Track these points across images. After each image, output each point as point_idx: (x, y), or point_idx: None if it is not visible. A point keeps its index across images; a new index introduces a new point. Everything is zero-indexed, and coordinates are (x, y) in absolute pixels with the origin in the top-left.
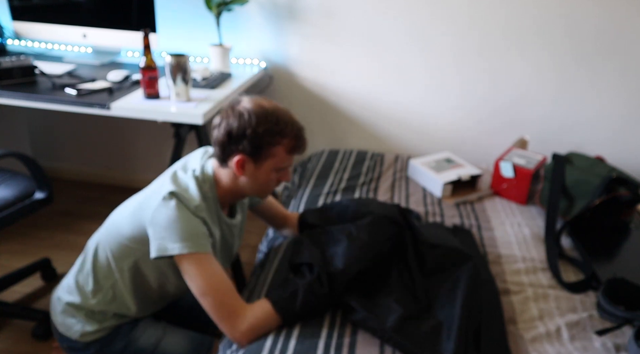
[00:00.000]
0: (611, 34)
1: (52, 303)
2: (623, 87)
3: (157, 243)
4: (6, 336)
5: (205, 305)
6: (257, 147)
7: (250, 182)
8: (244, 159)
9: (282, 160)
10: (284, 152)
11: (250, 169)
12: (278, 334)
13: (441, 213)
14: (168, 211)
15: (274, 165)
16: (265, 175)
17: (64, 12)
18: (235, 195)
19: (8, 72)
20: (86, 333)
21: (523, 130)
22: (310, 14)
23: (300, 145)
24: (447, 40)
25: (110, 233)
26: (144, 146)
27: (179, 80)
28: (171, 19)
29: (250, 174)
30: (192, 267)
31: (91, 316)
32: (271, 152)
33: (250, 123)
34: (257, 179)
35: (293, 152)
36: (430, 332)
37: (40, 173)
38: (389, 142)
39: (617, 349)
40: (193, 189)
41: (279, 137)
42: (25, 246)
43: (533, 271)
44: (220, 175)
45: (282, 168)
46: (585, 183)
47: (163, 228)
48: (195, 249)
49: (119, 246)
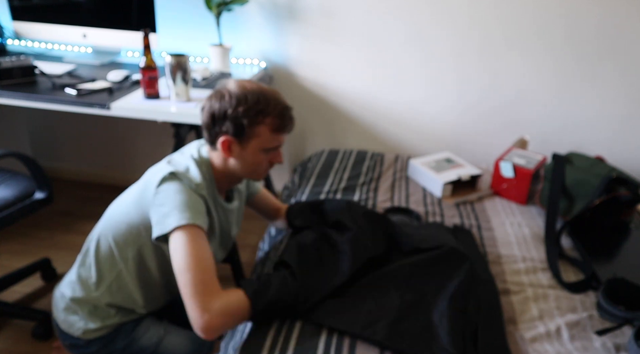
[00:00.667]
0: (611, 34)
1: (55, 300)
2: (623, 87)
3: (158, 222)
4: (6, 336)
5: (182, 280)
6: (239, 127)
7: (240, 163)
8: (229, 140)
9: (268, 140)
10: (268, 131)
11: (237, 150)
12: (278, 335)
13: (441, 213)
14: (169, 190)
15: (260, 145)
16: (252, 156)
17: (64, 12)
18: (230, 178)
19: (8, 72)
20: (89, 330)
21: (523, 130)
22: (310, 14)
23: (285, 124)
24: (447, 40)
25: (112, 222)
26: (144, 146)
27: (179, 80)
28: (171, 19)
29: (237, 155)
30: (182, 240)
31: (94, 312)
32: (255, 132)
33: (231, 103)
34: (246, 160)
35: (278, 131)
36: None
37: (40, 173)
38: (389, 142)
39: (617, 349)
40: (193, 169)
41: (261, 116)
42: (25, 246)
43: (533, 271)
44: (213, 158)
45: (271, 149)
46: (585, 183)
47: (164, 206)
48: (194, 221)
49: (122, 234)
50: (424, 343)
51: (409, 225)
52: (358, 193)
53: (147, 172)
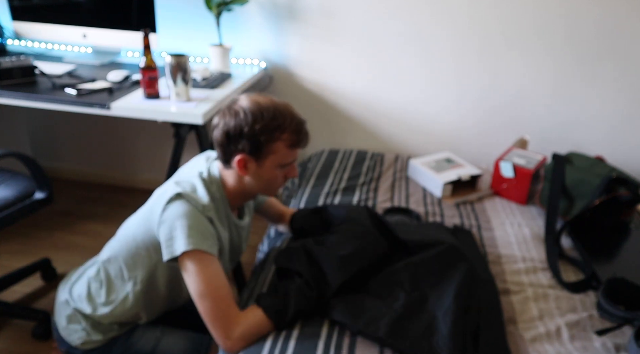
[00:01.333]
0: (611, 33)
1: (58, 304)
2: (623, 87)
3: (166, 245)
4: (6, 336)
5: (201, 308)
6: (256, 145)
7: (256, 181)
8: (245, 159)
9: (285, 156)
10: (285, 147)
11: (253, 168)
12: (278, 335)
13: (441, 213)
14: (175, 212)
15: (277, 162)
16: (269, 173)
17: (64, 12)
18: (244, 195)
19: (8, 72)
20: (88, 341)
21: (523, 130)
22: (310, 14)
23: (301, 139)
24: (447, 40)
25: (122, 245)
26: (144, 146)
27: (179, 80)
28: (171, 19)
29: (253, 173)
30: (194, 266)
31: (97, 327)
32: (272, 149)
33: (247, 121)
34: (262, 177)
35: (295, 147)
36: (425, 330)
37: (40, 173)
38: (389, 142)
39: (617, 349)
40: (200, 189)
41: (278, 133)
42: (25, 246)
43: (533, 271)
44: (225, 176)
45: (287, 164)
46: (585, 183)
47: (171, 228)
48: (200, 246)
49: (132, 256)
50: (425, 342)
51: (408, 224)
52: (358, 193)
53: (155, 193)
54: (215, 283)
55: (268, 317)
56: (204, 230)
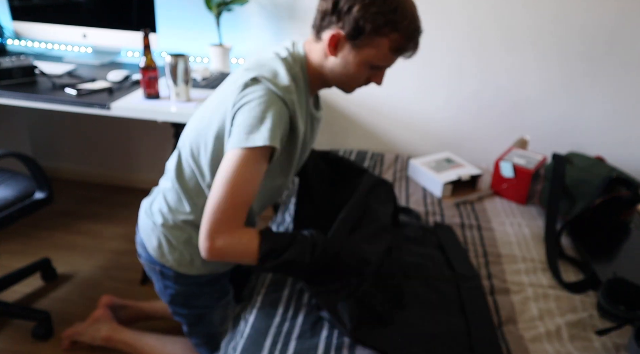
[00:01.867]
0: (611, 33)
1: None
2: (623, 87)
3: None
4: (6, 336)
5: (212, 195)
6: (359, 30)
7: (339, 68)
8: (339, 37)
9: (383, 57)
10: (388, 47)
11: (343, 52)
12: (278, 334)
13: (441, 213)
14: (252, 96)
15: (371, 59)
16: (357, 66)
17: (64, 12)
18: (323, 80)
19: (8, 72)
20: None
21: (523, 130)
22: (310, 14)
23: (409, 47)
24: (447, 40)
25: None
26: (144, 146)
27: (179, 80)
28: (171, 19)
29: (342, 57)
30: (241, 157)
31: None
32: (373, 42)
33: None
34: (347, 66)
35: (398, 53)
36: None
37: (40, 173)
38: (389, 142)
39: (617, 349)
40: (282, 70)
41: (389, 28)
42: (25, 246)
43: (533, 271)
44: (311, 53)
45: (378, 67)
46: (585, 183)
47: (244, 116)
48: (270, 142)
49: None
50: None
51: None
52: None
53: (225, 81)
54: (247, 180)
55: (258, 249)
56: (282, 120)
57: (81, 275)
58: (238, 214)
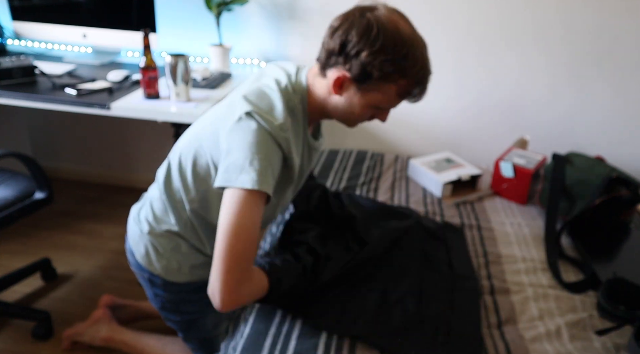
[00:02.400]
0: (611, 33)
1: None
2: (623, 87)
3: (223, 170)
4: (6, 336)
5: (220, 243)
6: (366, 75)
7: (343, 106)
8: (345, 79)
9: (388, 100)
10: (395, 92)
11: (349, 93)
12: (278, 334)
13: (441, 213)
14: (242, 135)
15: (377, 102)
16: (361, 107)
17: (64, 12)
18: (322, 113)
19: (8, 72)
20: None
21: (523, 130)
22: (310, 14)
23: (417, 93)
24: (447, 40)
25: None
26: (144, 146)
27: (179, 80)
28: (171, 19)
29: (346, 97)
30: (237, 201)
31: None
32: (381, 88)
33: (373, 45)
34: (351, 107)
35: (404, 97)
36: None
37: (40, 173)
38: (389, 142)
39: (617, 349)
40: (279, 104)
41: (397, 75)
42: (25, 246)
43: (533, 271)
44: (314, 84)
45: (385, 108)
46: (585, 183)
47: (232, 153)
48: (258, 186)
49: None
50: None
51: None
52: (358, 193)
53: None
54: (249, 224)
55: (269, 284)
56: (270, 160)
57: (81, 275)
58: (250, 255)
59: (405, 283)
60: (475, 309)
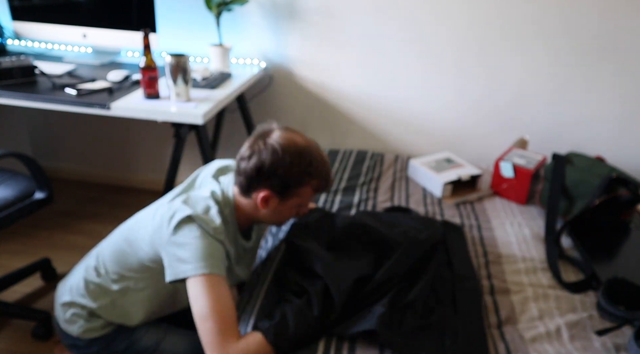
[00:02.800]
0: (611, 33)
1: (57, 301)
2: (623, 87)
3: (172, 266)
4: (6, 336)
5: (202, 328)
6: (285, 187)
7: (271, 216)
8: (269, 195)
9: (307, 198)
10: (311, 190)
11: (274, 205)
12: None
13: (441, 213)
14: (187, 235)
15: (299, 202)
16: (287, 211)
17: (64, 12)
18: (253, 222)
19: (8, 72)
20: (88, 329)
21: (523, 130)
22: (310, 14)
23: (327, 185)
24: (447, 40)
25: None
26: (144, 146)
27: (179, 80)
28: (171, 19)
29: (273, 209)
30: (201, 287)
31: (93, 315)
32: (298, 192)
33: (284, 162)
34: (279, 214)
35: (319, 191)
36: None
37: (40, 173)
38: (389, 142)
39: (617, 349)
40: (214, 212)
41: (309, 178)
42: (25, 246)
43: (533, 271)
44: (240, 203)
45: (304, 206)
46: (585, 183)
47: (180, 250)
48: (210, 270)
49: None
50: None
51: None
52: (358, 193)
53: (159, 206)
54: (220, 305)
55: (267, 340)
56: (214, 251)
57: None
58: (231, 327)
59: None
60: (476, 310)
